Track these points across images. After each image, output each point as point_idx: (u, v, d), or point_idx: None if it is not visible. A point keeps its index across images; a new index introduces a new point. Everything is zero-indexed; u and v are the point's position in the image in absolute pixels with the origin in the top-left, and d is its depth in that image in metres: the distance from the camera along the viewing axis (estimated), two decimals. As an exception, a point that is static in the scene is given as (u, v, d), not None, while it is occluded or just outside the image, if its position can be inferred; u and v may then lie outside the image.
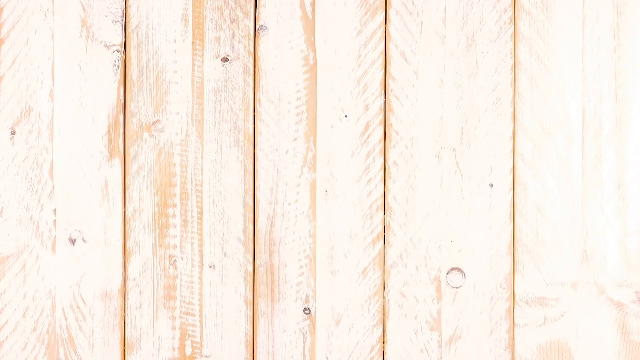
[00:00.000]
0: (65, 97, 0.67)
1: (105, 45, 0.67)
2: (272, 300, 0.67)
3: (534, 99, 0.67)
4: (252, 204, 0.66)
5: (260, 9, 0.67)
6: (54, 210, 0.66)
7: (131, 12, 0.67)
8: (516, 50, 0.67)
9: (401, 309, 0.67)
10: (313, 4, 0.67)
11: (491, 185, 0.67)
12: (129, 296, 0.67)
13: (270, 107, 0.67)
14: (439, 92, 0.67)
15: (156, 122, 0.67)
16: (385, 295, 0.67)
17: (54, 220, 0.66)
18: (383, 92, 0.67)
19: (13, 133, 0.66)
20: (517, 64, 0.67)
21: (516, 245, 0.67)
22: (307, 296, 0.67)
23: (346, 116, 0.67)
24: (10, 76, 0.66)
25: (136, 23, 0.67)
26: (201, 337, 0.66)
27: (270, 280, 0.66)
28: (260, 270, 0.66)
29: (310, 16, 0.67)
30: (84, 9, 0.67)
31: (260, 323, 0.67)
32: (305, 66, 0.67)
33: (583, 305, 0.67)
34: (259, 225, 0.66)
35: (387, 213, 0.66)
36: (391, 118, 0.66)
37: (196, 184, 0.67)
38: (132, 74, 0.67)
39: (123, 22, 0.67)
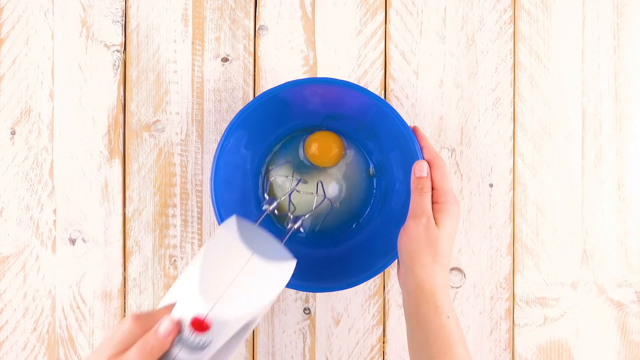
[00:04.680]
0: (65, 97, 0.67)
1: (105, 45, 0.67)
2: (272, 300, 0.67)
3: (534, 99, 0.67)
4: (252, 204, 0.66)
5: (260, 9, 0.67)
6: (54, 210, 0.66)
7: (131, 12, 0.67)
8: (516, 50, 0.67)
9: (401, 309, 0.67)
10: (313, 4, 0.67)
11: (491, 185, 0.67)
12: (129, 296, 0.67)
13: (270, 107, 0.66)
14: (439, 92, 0.67)
15: (156, 122, 0.67)
16: (385, 295, 0.67)
17: (54, 220, 0.66)
18: (383, 92, 0.67)
19: (13, 133, 0.66)
20: (517, 64, 0.67)
21: (516, 245, 0.67)
22: (307, 296, 0.67)
23: (346, 116, 0.67)
24: (10, 76, 0.66)
25: (136, 23, 0.67)
26: (201, 337, 0.66)
27: (270, 280, 0.66)
28: (260, 270, 0.66)
29: (310, 16, 0.67)
30: (84, 9, 0.67)
31: (260, 323, 0.67)
32: (305, 66, 0.67)
33: (583, 306, 0.67)
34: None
35: (387, 213, 0.66)
36: (391, 118, 0.66)
37: (196, 184, 0.67)
38: (132, 74, 0.67)
39: (123, 22, 0.67)
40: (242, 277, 0.45)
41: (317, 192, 0.65)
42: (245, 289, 0.45)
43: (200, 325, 0.44)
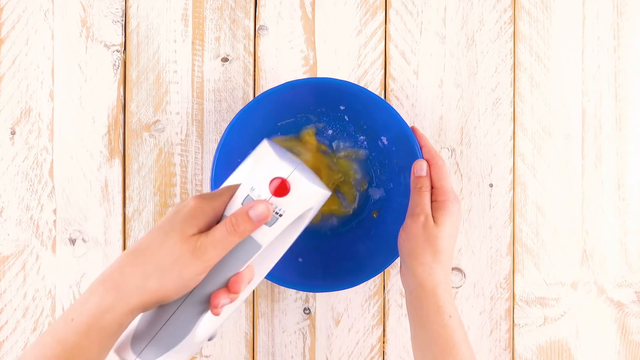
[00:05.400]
0: (65, 97, 0.67)
1: (105, 45, 0.67)
2: (272, 300, 0.67)
3: (534, 99, 0.67)
4: (252, 204, 0.66)
5: (260, 9, 0.67)
6: (54, 210, 0.66)
7: (131, 12, 0.67)
8: (516, 50, 0.67)
9: (401, 309, 0.67)
10: (313, 4, 0.67)
11: (491, 185, 0.67)
12: (129, 296, 0.66)
13: (270, 107, 0.66)
14: (439, 92, 0.67)
15: (156, 122, 0.67)
16: (385, 295, 0.67)
17: (54, 220, 0.66)
18: (383, 92, 0.67)
19: (13, 133, 0.66)
20: (517, 64, 0.67)
21: (516, 245, 0.67)
22: (307, 296, 0.67)
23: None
24: (10, 76, 0.66)
25: (136, 23, 0.67)
26: (201, 337, 0.66)
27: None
28: (260, 270, 0.66)
29: (310, 16, 0.67)
30: (84, 9, 0.67)
31: (260, 323, 0.67)
32: (305, 66, 0.67)
33: (583, 306, 0.67)
34: (259, 225, 0.66)
35: (387, 213, 0.66)
36: (391, 118, 0.66)
37: (196, 184, 0.67)
38: (132, 74, 0.67)
39: (123, 22, 0.67)
40: (300, 167, 0.46)
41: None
42: (307, 175, 0.46)
43: (282, 187, 0.44)
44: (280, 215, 0.44)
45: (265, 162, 0.45)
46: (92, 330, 0.40)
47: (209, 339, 0.47)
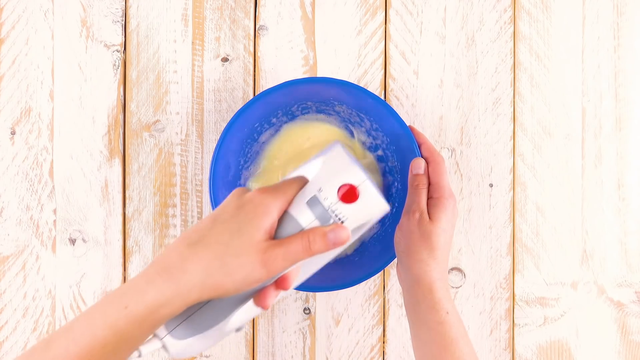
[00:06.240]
0: (65, 97, 0.67)
1: (105, 45, 0.67)
2: (272, 300, 0.67)
3: (534, 99, 0.67)
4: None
5: (260, 9, 0.67)
6: (54, 210, 0.66)
7: (131, 12, 0.67)
8: (516, 50, 0.67)
9: (401, 308, 0.67)
10: (313, 4, 0.67)
11: (491, 185, 0.67)
12: (129, 296, 0.66)
13: (270, 107, 0.66)
14: (439, 92, 0.67)
15: (156, 122, 0.67)
16: (385, 295, 0.67)
17: (54, 220, 0.66)
18: (383, 92, 0.67)
19: (13, 133, 0.66)
20: (517, 64, 0.67)
21: (516, 245, 0.67)
22: (307, 296, 0.67)
23: (346, 116, 0.67)
24: (10, 76, 0.66)
25: (136, 23, 0.67)
26: (201, 337, 0.66)
27: (270, 280, 0.66)
28: (260, 270, 0.66)
29: (310, 16, 0.67)
30: (84, 9, 0.67)
31: (260, 323, 0.67)
32: (305, 66, 0.67)
33: (583, 306, 0.67)
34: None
35: (387, 213, 0.66)
36: (391, 118, 0.66)
37: (196, 184, 0.67)
38: (132, 74, 0.67)
39: (123, 22, 0.67)
40: (370, 178, 0.46)
41: None
42: (376, 187, 0.46)
43: (351, 194, 0.43)
44: (342, 222, 0.44)
45: (337, 165, 0.45)
46: (145, 322, 0.40)
47: (237, 330, 0.47)
